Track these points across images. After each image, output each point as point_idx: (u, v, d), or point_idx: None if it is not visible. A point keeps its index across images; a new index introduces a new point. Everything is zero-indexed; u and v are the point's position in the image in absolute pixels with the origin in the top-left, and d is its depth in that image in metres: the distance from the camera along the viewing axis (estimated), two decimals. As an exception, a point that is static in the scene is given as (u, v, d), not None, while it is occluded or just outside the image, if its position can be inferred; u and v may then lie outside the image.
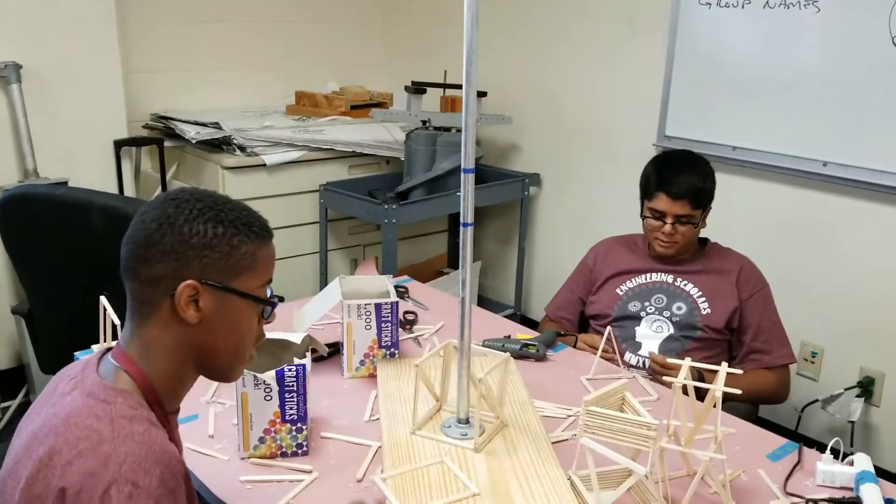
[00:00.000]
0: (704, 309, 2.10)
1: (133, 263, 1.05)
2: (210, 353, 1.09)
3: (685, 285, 2.15)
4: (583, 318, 2.31)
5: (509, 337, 2.01)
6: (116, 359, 1.06)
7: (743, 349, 2.12)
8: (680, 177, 2.07)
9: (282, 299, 2.52)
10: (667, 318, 2.12)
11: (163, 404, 1.07)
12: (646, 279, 2.19)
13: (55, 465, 0.94)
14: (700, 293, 2.13)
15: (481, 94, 3.49)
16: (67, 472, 0.93)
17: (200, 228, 1.04)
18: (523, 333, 2.07)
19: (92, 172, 3.10)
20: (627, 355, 2.10)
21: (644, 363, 2.08)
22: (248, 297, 1.08)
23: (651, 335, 2.11)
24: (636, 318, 2.15)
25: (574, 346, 2.05)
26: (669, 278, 2.17)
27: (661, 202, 2.08)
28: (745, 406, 2.02)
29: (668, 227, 2.09)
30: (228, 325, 1.08)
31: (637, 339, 2.12)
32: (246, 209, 1.11)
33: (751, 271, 2.17)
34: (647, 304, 2.15)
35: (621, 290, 2.19)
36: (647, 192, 2.14)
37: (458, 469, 1.37)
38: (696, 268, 2.16)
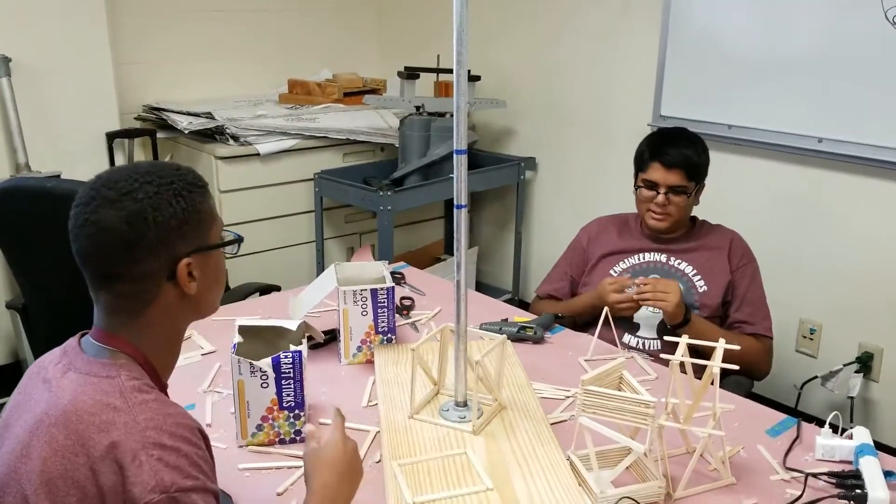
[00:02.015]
0: (701, 287, 2.10)
1: (115, 269, 1.02)
2: (204, 305, 1.13)
3: (679, 264, 2.14)
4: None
5: (507, 320, 2.00)
6: (105, 342, 1.05)
7: (728, 320, 2.13)
8: (675, 148, 2.09)
9: (278, 288, 2.52)
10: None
11: (159, 378, 1.09)
12: (639, 259, 2.18)
13: (76, 444, 0.95)
14: (695, 271, 2.12)
15: (475, 79, 3.47)
16: (92, 448, 0.94)
17: (171, 210, 1.03)
18: (521, 316, 2.07)
19: (84, 165, 3.08)
20: (626, 337, 2.10)
21: (643, 344, 2.08)
22: (223, 245, 1.13)
23: (649, 315, 2.10)
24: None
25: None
26: (663, 258, 2.16)
27: (656, 172, 2.09)
28: (745, 382, 2.02)
29: (661, 198, 2.09)
30: (214, 276, 1.12)
31: (635, 321, 2.11)
32: (174, 168, 1.08)
33: (740, 245, 2.18)
34: None
35: (615, 271, 2.18)
36: (641, 163, 2.14)
37: (478, 462, 1.36)
38: (688, 246, 2.16)
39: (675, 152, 2.08)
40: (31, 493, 0.96)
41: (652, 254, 2.17)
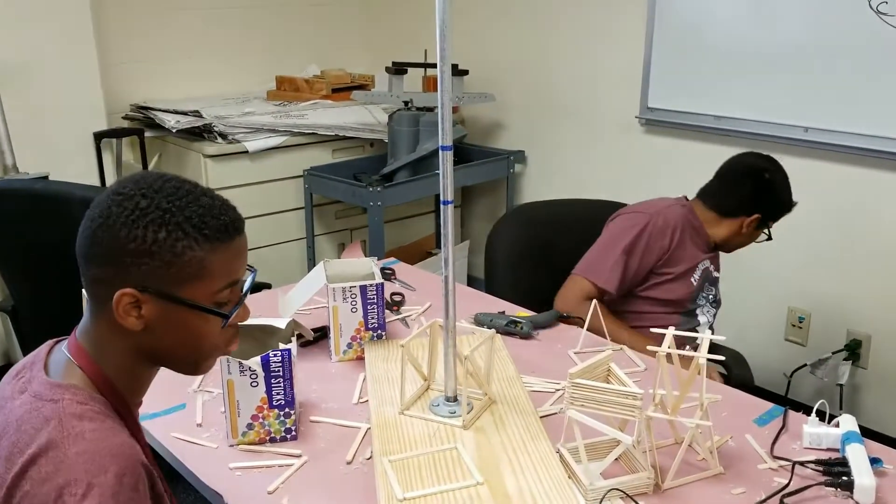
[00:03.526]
0: (720, 290, 2.22)
1: (81, 258, 0.99)
2: (165, 357, 1.03)
3: (714, 271, 2.21)
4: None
5: (503, 313, 2.00)
6: (70, 350, 1.01)
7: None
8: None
9: (268, 286, 2.52)
10: (711, 303, 2.20)
11: (122, 395, 1.01)
12: (703, 266, 2.18)
13: (11, 477, 0.90)
14: (717, 274, 2.22)
15: (463, 73, 3.47)
16: (22, 482, 0.89)
17: (139, 233, 0.94)
18: (523, 312, 2.04)
19: (73, 166, 3.08)
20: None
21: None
22: (194, 307, 0.98)
23: (707, 322, 2.17)
24: (698, 307, 2.19)
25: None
26: (710, 266, 2.20)
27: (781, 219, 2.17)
28: (747, 376, 2.07)
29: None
30: (179, 334, 0.99)
31: (698, 328, 2.16)
32: (204, 205, 0.98)
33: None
34: (703, 293, 2.18)
35: (695, 280, 2.16)
36: (783, 210, 2.16)
37: (468, 457, 1.37)
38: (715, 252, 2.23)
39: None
40: None
41: (707, 261, 2.19)
